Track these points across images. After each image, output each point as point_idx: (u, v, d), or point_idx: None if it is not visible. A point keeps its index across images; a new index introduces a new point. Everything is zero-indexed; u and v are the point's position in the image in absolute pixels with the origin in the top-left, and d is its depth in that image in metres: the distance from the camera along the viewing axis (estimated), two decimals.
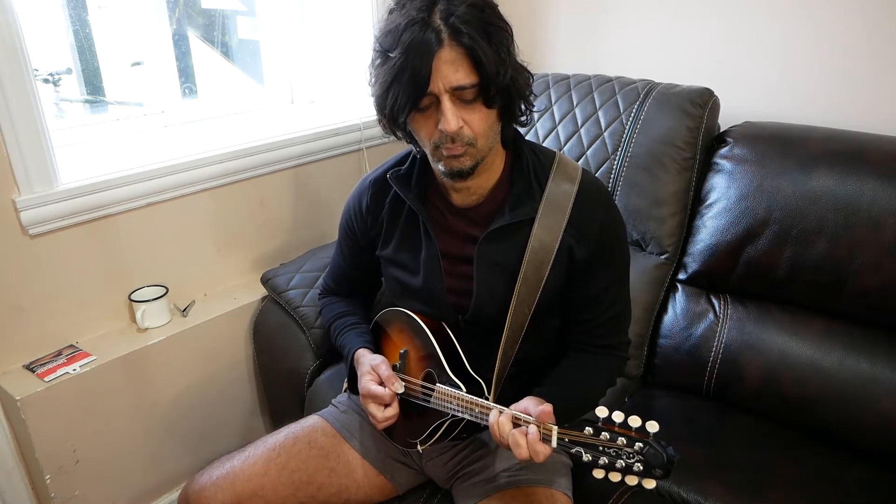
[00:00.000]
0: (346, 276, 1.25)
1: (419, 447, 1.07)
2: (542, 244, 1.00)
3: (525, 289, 1.00)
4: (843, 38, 1.48)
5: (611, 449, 0.80)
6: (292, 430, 1.16)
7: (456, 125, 0.89)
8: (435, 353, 1.03)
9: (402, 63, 0.87)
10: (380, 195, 1.12)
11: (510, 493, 1.04)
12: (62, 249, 1.33)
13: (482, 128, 0.92)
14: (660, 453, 0.77)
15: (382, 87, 0.92)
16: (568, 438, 0.83)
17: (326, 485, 1.12)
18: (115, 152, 1.49)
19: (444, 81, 0.88)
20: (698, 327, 1.42)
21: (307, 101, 2.00)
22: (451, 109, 0.89)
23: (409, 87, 0.88)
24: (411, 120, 0.95)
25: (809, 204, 1.31)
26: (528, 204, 1.01)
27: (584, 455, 0.81)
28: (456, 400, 0.97)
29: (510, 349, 1.02)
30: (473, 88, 0.89)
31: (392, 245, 1.11)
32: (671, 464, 0.77)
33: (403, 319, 1.12)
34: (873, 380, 1.24)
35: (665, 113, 1.47)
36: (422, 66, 0.86)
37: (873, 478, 1.19)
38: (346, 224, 1.19)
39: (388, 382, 1.02)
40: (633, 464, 0.78)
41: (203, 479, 1.09)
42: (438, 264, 1.06)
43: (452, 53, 0.87)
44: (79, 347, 1.38)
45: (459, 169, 0.94)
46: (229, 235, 1.64)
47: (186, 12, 1.74)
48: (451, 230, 1.06)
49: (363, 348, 1.12)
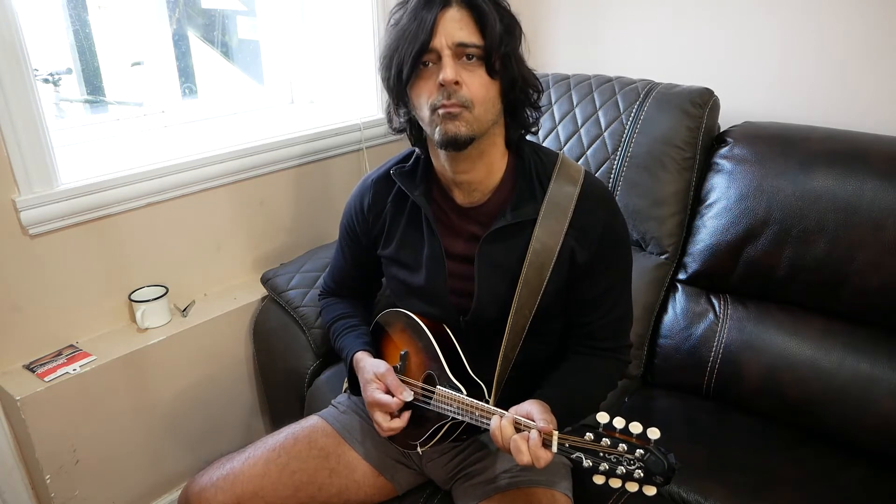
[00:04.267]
0: (346, 276, 1.25)
1: (419, 449, 1.06)
2: (544, 246, 0.99)
3: (526, 291, 1.00)
4: (844, 39, 1.48)
5: (611, 455, 0.79)
6: (292, 431, 1.16)
7: (453, 75, 0.90)
8: (435, 354, 1.03)
9: (407, 23, 0.92)
10: (382, 194, 1.12)
11: (510, 495, 1.04)
12: (62, 249, 1.33)
13: (480, 93, 0.93)
14: (661, 460, 0.77)
15: (389, 48, 0.96)
16: (568, 444, 0.83)
17: (327, 485, 1.12)
18: (115, 152, 1.49)
19: (448, 38, 0.91)
20: (698, 327, 1.42)
21: (307, 101, 2.00)
22: (451, 62, 0.91)
23: (412, 43, 0.91)
24: (413, 87, 0.95)
25: (809, 204, 1.31)
26: (529, 205, 1.01)
27: (585, 461, 0.81)
28: (456, 403, 0.97)
29: (511, 352, 1.02)
30: (476, 48, 0.91)
31: (394, 244, 1.11)
32: (672, 471, 0.77)
33: (404, 320, 1.11)
34: (873, 380, 1.24)
35: (665, 113, 1.47)
36: (426, 20, 0.90)
37: (873, 478, 1.19)
38: (346, 223, 1.19)
39: (396, 392, 1.01)
40: (633, 470, 0.78)
41: (203, 480, 1.09)
42: (442, 261, 1.05)
43: (459, 13, 0.91)
44: (79, 347, 1.38)
45: (455, 134, 0.92)
46: (229, 235, 1.64)
47: (186, 12, 1.74)
48: (454, 229, 1.06)
49: (362, 351, 1.12)
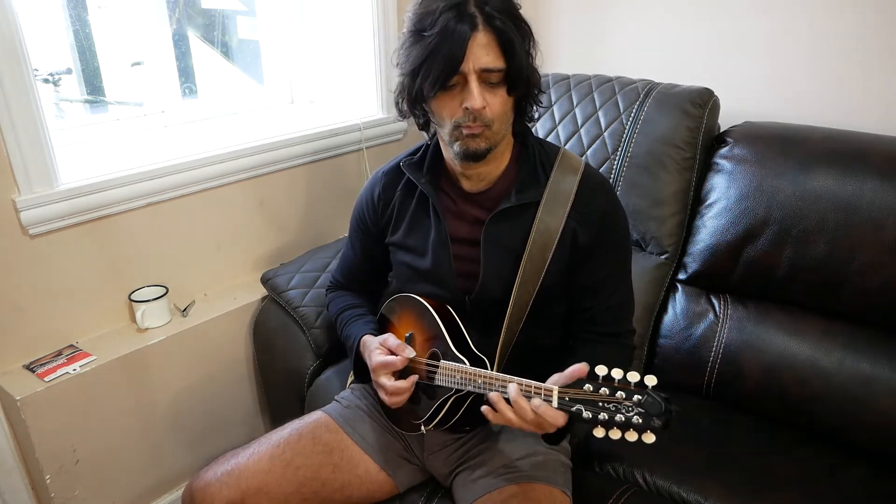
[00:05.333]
0: (355, 269, 1.29)
1: (423, 428, 1.09)
2: (547, 226, 1.04)
3: (530, 267, 1.04)
4: (844, 39, 1.48)
5: (610, 404, 0.82)
6: (296, 427, 1.17)
7: (481, 103, 0.95)
8: (440, 333, 1.06)
9: (437, 42, 0.93)
10: (391, 184, 1.17)
11: (509, 490, 1.05)
12: (62, 249, 1.33)
13: (500, 112, 0.98)
14: (658, 402, 0.79)
15: (414, 63, 0.97)
16: (568, 397, 0.86)
17: (330, 480, 1.13)
18: (115, 152, 1.49)
19: (475, 62, 0.93)
20: (698, 327, 1.42)
21: (307, 101, 2.00)
22: (478, 88, 0.95)
23: (443, 65, 0.94)
24: (436, 100, 0.99)
25: (809, 204, 1.31)
26: (533, 188, 1.06)
27: (585, 412, 0.84)
28: (460, 373, 1.00)
29: (514, 325, 1.05)
30: (500, 73, 0.95)
31: (402, 230, 1.15)
32: (669, 413, 0.79)
33: (408, 304, 1.14)
34: (873, 380, 1.24)
35: (665, 113, 1.47)
36: (457, 46, 0.92)
37: (873, 478, 1.19)
38: (357, 215, 1.23)
39: (398, 350, 1.06)
40: (631, 416, 0.80)
41: (208, 476, 1.10)
42: (447, 245, 1.09)
43: (486, 38, 0.94)
44: (79, 347, 1.38)
45: (475, 150, 0.99)
46: (229, 235, 1.64)
47: (186, 12, 1.74)
48: (460, 214, 1.11)
49: (368, 335, 1.14)
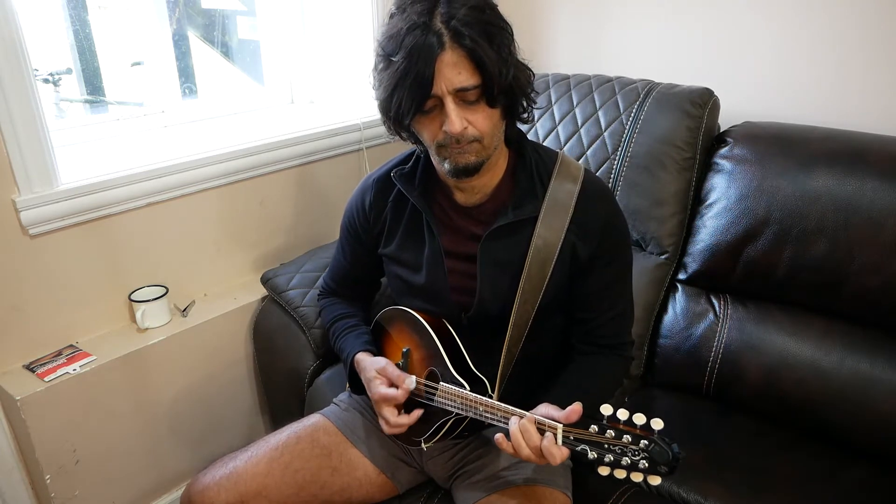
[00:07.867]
0: (346, 275, 1.25)
1: (423, 445, 1.07)
2: (546, 242, 1.01)
3: (529, 286, 1.01)
4: (844, 39, 1.48)
5: (616, 447, 0.80)
6: (295, 430, 1.16)
7: (460, 126, 0.91)
8: (438, 351, 1.03)
9: (405, 67, 0.89)
10: (383, 193, 1.13)
11: (510, 492, 1.04)
12: (62, 249, 1.33)
13: (487, 126, 0.94)
14: (665, 450, 0.77)
15: (386, 90, 0.93)
16: (573, 436, 0.83)
17: (329, 483, 1.12)
18: (115, 152, 1.49)
19: (447, 84, 0.89)
20: (698, 327, 1.42)
21: (307, 101, 2.00)
22: (455, 111, 0.90)
23: (413, 91, 0.89)
24: (416, 122, 0.96)
25: (809, 204, 1.31)
26: (530, 203, 1.02)
27: (590, 453, 0.82)
28: (460, 399, 0.97)
29: (514, 346, 1.02)
30: (476, 90, 0.90)
31: (395, 243, 1.12)
32: (676, 461, 0.77)
33: (405, 318, 1.12)
34: (873, 380, 1.24)
35: (665, 113, 1.47)
36: (425, 70, 0.87)
37: (873, 478, 1.19)
38: (348, 222, 1.19)
39: (398, 382, 1.02)
40: (637, 461, 0.78)
41: (206, 479, 1.09)
42: (442, 262, 1.06)
43: (454, 56, 0.88)
44: (79, 347, 1.38)
45: (465, 164, 0.95)
46: (229, 235, 1.64)
47: (186, 12, 1.74)
48: (455, 228, 1.07)
49: (362, 352, 1.12)
